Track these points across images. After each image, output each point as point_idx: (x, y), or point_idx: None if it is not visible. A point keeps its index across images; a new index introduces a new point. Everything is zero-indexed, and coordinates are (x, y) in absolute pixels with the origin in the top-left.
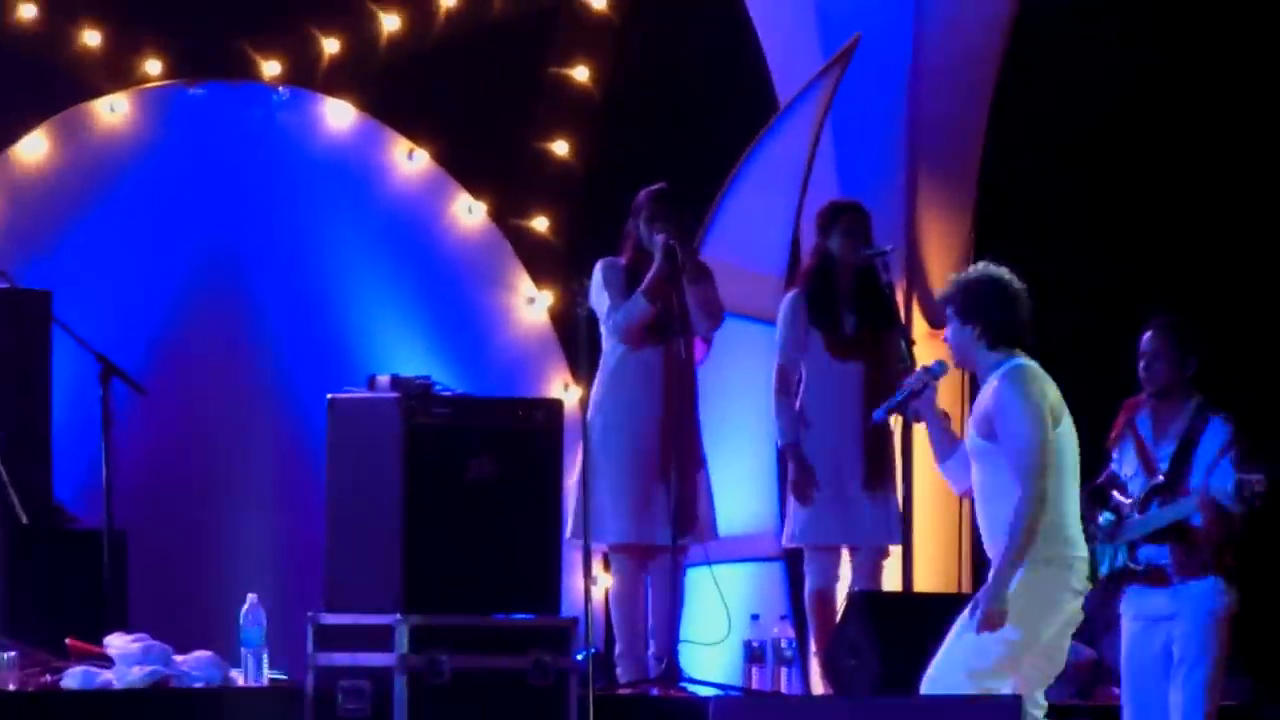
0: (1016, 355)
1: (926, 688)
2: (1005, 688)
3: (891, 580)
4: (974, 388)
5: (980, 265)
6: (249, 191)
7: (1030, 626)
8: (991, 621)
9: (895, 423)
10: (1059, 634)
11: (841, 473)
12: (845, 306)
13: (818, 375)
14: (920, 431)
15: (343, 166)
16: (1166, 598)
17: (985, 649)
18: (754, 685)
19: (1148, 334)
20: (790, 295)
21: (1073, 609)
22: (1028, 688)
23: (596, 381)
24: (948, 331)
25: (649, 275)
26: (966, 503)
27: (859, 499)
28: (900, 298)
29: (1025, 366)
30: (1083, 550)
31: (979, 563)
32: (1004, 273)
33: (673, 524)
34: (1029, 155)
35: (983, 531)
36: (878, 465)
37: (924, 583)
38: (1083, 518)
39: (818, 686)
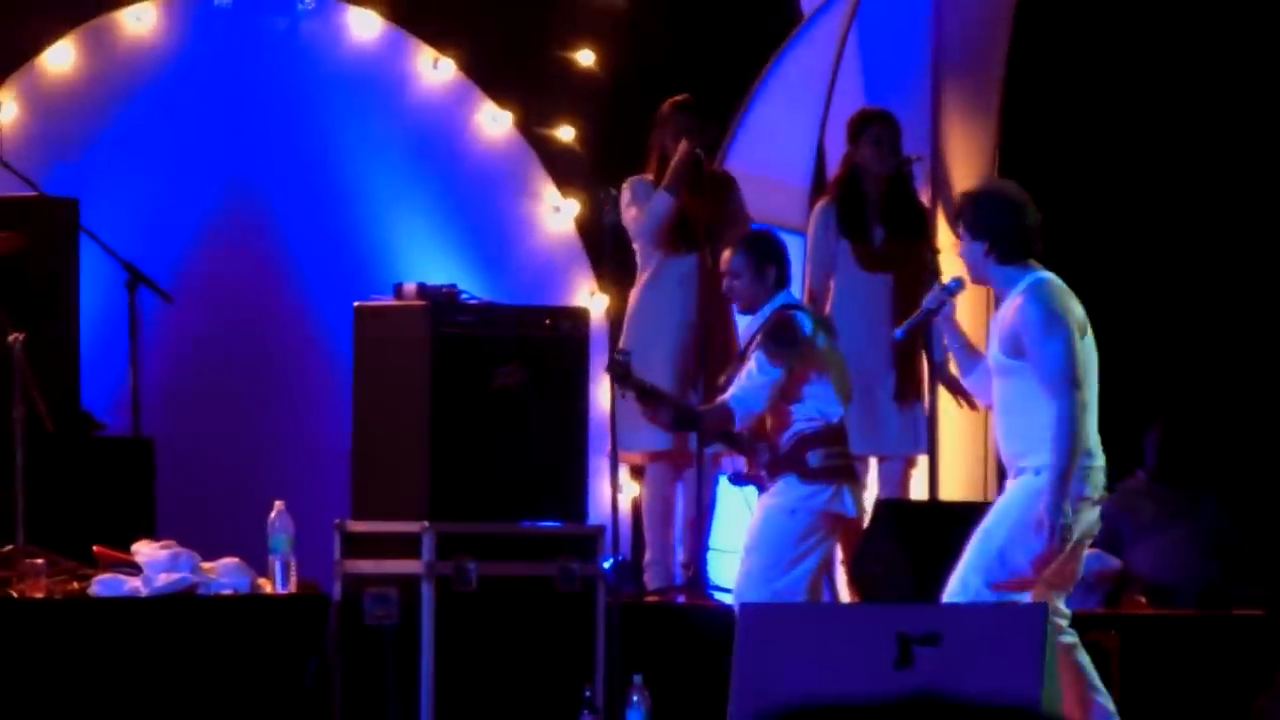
0: (1034, 268)
1: (948, 599)
2: (1025, 598)
3: (918, 489)
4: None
5: (985, 180)
6: (274, 101)
7: None
8: (1060, 535)
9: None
10: (1077, 543)
11: (870, 383)
12: (874, 217)
13: (847, 286)
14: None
15: (368, 76)
16: None
17: (1005, 560)
18: None
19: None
20: (820, 206)
21: (1090, 518)
22: (1047, 597)
23: (632, 294)
24: (960, 248)
25: (670, 168)
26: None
27: (887, 409)
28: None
29: (1047, 281)
30: (1100, 460)
31: (1004, 472)
32: (1008, 184)
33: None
34: (1056, 64)
35: (1001, 444)
36: (906, 375)
37: (950, 491)
38: None
39: (844, 594)
